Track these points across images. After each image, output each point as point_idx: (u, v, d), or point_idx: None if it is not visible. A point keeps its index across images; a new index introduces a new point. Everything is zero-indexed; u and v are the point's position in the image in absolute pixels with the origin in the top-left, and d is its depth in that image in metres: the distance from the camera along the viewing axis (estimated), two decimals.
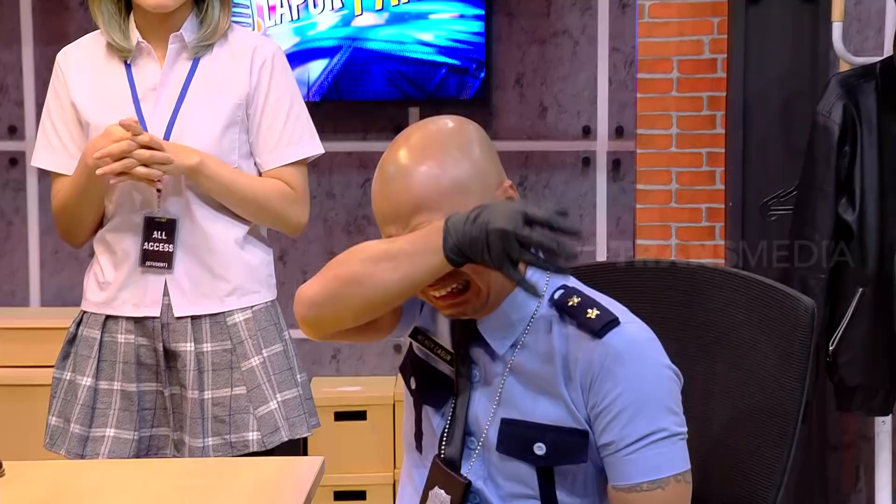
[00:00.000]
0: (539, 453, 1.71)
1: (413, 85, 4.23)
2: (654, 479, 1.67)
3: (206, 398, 2.47)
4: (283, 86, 2.53)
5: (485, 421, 1.75)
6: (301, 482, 1.98)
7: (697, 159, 4.03)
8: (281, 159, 2.53)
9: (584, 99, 4.34)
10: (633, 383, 1.68)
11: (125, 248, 2.49)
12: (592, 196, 4.37)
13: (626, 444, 1.68)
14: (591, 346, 1.69)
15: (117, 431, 2.49)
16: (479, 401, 1.75)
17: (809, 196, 3.34)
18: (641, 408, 1.68)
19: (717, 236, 4.02)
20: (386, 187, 1.70)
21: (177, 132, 2.46)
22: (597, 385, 1.69)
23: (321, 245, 4.38)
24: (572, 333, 1.72)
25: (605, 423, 1.69)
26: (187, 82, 2.48)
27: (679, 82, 4.02)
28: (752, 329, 1.91)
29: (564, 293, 1.75)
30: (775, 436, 1.85)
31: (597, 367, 1.69)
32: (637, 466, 1.67)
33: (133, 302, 2.49)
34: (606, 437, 1.69)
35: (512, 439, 1.72)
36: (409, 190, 1.68)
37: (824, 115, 3.30)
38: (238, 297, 2.52)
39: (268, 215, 2.53)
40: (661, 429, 1.68)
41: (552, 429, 1.71)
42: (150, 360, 2.50)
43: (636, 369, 1.68)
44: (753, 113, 3.83)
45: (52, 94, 2.53)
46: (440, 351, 1.79)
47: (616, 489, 1.69)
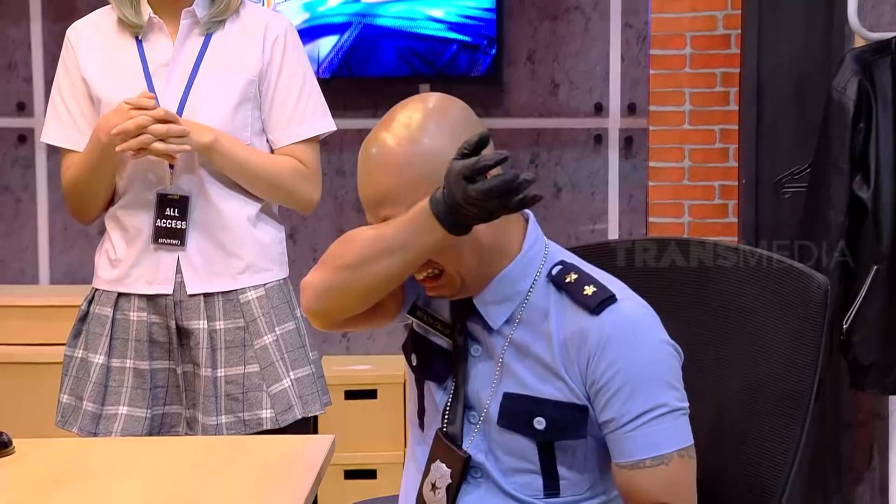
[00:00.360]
0: (539, 428, 1.72)
1: (424, 61, 4.23)
2: (657, 455, 1.68)
3: (220, 376, 2.48)
4: (295, 62, 2.53)
5: (486, 395, 1.75)
6: (312, 461, 1.99)
7: (710, 136, 4.02)
8: (293, 136, 2.53)
9: (596, 75, 4.34)
10: (630, 360, 1.68)
11: (137, 225, 2.50)
12: (604, 174, 4.36)
13: (627, 420, 1.68)
14: (587, 323, 1.70)
15: (130, 409, 2.50)
16: (479, 375, 1.77)
17: (824, 173, 3.33)
18: (640, 384, 1.68)
19: (730, 214, 4.02)
20: (360, 177, 1.75)
21: (189, 109, 2.46)
22: (594, 362, 1.69)
23: (331, 223, 4.38)
24: (569, 310, 1.73)
25: (604, 400, 1.69)
26: (199, 58, 2.49)
27: (692, 58, 4.01)
28: (765, 307, 1.91)
29: (562, 269, 1.76)
30: (788, 414, 1.86)
31: (593, 344, 1.69)
32: (639, 443, 1.68)
33: (146, 279, 2.50)
34: (607, 413, 1.70)
35: (512, 413, 1.74)
36: (374, 180, 1.72)
37: (839, 91, 3.29)
38: (251, 274, 2.52)
39: (280, 192, 2.54)
40: (662, 404, 1.69)
41: (551, 403, 1.72)
42: (162, 338, 2.51)
43: (633, 346, 1.69)
44: (767, 89, 3.82)
45: (63, 69, 2.54)
46: (439, 325, 1.80)
47: (619, 466, 1.70)
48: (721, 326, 1.95)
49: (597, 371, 1.69)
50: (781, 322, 1.89)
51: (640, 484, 1.69)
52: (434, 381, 1.81)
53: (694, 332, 1.92)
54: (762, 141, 3.85)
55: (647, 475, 1.68)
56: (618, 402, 1.69)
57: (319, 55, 4.22)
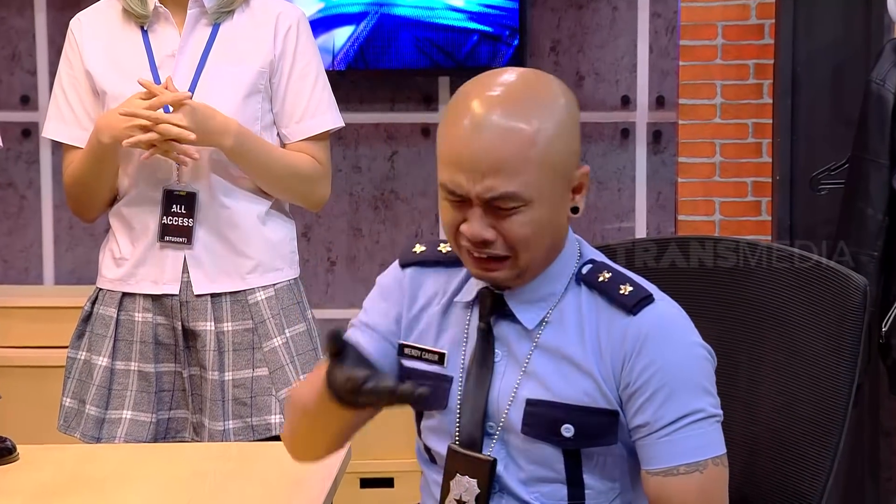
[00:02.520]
0: (567, 435, 1.71)
1: (443, 53, 4.22)
2: (692, 462, 1.67)
3: (227, 379, 2.49)
4: (308, 54, 2.54)
5: (506, 401, 1.74)
6: (326, 468, 1.99)
7: (743, 130, 4.01)
8: (307, 130, 2.54)
9: (623, 67, 4.32)
10: (668, 362, 1.68)
11: (143, 223, 2.50)
12: (631, 169, 4.35)
13: (662, 425, 1.68)
14: (624, 323, 1.70)
15: (134, 413, 2.50)
16: (502, 380, 1.75)
17: (862, 168, 3.32)
18: (677, 388, 1.68)
19: (764, 212, 4.00)
20: (470, 134, 1.67)
21: (197, 100, 2.46)
22: (630, 364, 1.69)
23: (346, 220, 4.38)
24: (604, 310, 1.72)
25: (638, 403, 1.69)
26: (207, 49, 2.49)
27: (724, 49, 3.99)
28: (800, 309, 1.90)
29: (593, 268, 1.76)
30: (825, 421, 1.85)
31: (630, 345, 1.69)
32: (674, 449, 1.67)
33: (151, 279, 2.50)
34: (640, 418, 1.69)
35: (538, 420, 1.72)
36: (496, 147, 1.66)
37: (878, 83, 3.28)
38: (260, 274, 2.52)
39: (296, 193, 2.55)
40: (698, 410, 1.68)
41: (581, 409, 1.71)
42: (168, 340, 2.51)
43: (672, 348, 1.69)
44: (802, 81, 3.80)
45: (65, 62, 2.54)
46: (427, 355, 1.79)
47: (650, 473, 1.69)
48: (754, 329, 1.94)
49: (633, 373, 1.69)
50: (817, 325, 1.88)
51: (672, 491, 1.68)
52: (437, 408, 1.79)
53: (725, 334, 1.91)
54: (797, 135, 3.83)
55: (681, 483, 1.67)
56: (652, 406, 1.68)
57: (334, 46, 4.22)
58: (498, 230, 1.68)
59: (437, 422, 1.78)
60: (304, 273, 2.64)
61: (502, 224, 1.68)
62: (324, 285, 4.38)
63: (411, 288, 1.82)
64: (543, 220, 1.69)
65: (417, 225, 4.38)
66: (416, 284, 1.82)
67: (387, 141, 4.37)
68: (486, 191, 1.66)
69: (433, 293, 1.82)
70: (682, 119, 4.04)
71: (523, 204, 1.67)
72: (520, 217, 1.67)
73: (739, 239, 1.99)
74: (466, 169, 1.67)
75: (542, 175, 1.67)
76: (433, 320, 1.80)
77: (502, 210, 1.67)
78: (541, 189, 1.67)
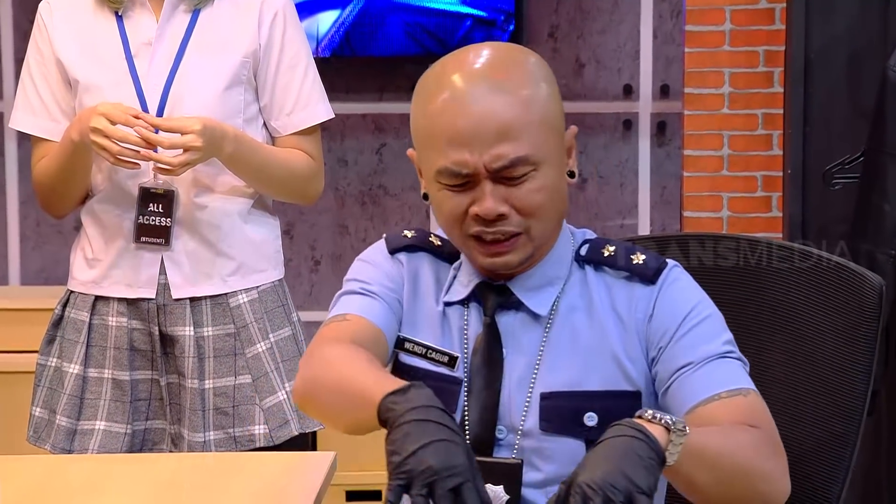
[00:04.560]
0: (590, 424, 1.74)
1: (434, 39, 4.23)
2: (734, 388, 1.70)
3: (207, 388, 2.49)
4: (297, 42, 2.54)
5: (520, 399, 1.75)
6: (310, 480, 2.00)
7: (752, 121, 4.02)
8: (299, 123, 2.54)
9: (625, 54, 4.34)
10: (700, 302, 1.75)
11: (117, 222, 2.50)
12: (634, 163, 4.37)
13: (702, 358, 1.71)
14: (646, 292, 1.76)
15: (108, 424, 2.50)
16: (511, 377, 1.76)
17: (878, 161, 3.33)
18: (714, 325, 1.74)
19: (774, 208, 4.02)
20: (464, 107, 1.70)
21: (175, 92, 2.47)
22: (660, 314, 1.74)
23: (332, 217, 4.39)
24: (618, 283, 1.77)
25: (679, 346, 1.72)
26: (186, 37, 2.49)
27: (732, 35, 4.01)
28: (813, 309, 1.91)
29: (592, 246, 1.80)
30: (839, 427, 1.86)
31: (656, 300, 1.75)
32: (713, 377, 1.70)
33: (126, 282, 2.51)
34: (682, 359, 1.72)
35: (557, 414, 1.74)
36: (496, 114, 1.69)
37: (895, 71, 3.29)
38: (242, 276, 2.53)
39: (291, 192, 2.57)
40: (732, 350, 1.74)
41: (600, 395, 1.74)
42: (144, 346, 2.51)
43: (694, 292, 1.77)
44: (815, 69, 3.82)
45: (34, 48, 2.54)
46: (434, 354, 1.80)
47: (691, 410, 1.69)
48: (761, 332, 1.95)
49: (666, 320, 1.74)
50: (830, 327, 1.89)
51: (716, 416, 1.69)
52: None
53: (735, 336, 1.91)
54: (810, 127, 3.84)
55: (724, 405, 1.69)
56: (689, 342, 1.72)
57: (319, 32, 4.22)
58: (510, 202, 1.71)
59: None
60: (287, 273, 2.65)
61: (514, 194, 1.71)
62: (308, 286, 4.39)
63: (410, 274, 1.83)
64: (553, 184, 1.73)
65: (407, 221, 4.39)
66: (413, 270, 1.83)
67: (374, 133, 4.38)
68: (495, 160, 1.69)
69: (431, 284, 1.83)
70: (687, 109, 4.05)
71: (533, 168, 1.71)
72: (530, 184, 1.71)
73: (740, 236, 2.01)
74: (469, 142, 1.69)
75: (544, 135, 1.71)
76: (434, 316, 1.81)
77: (513, 180, 1.70)
78: (546, 150, 1.72)
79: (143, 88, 2.46)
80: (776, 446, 1.67)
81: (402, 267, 1.83)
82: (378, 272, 1.83)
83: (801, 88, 3.82)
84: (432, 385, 1.76)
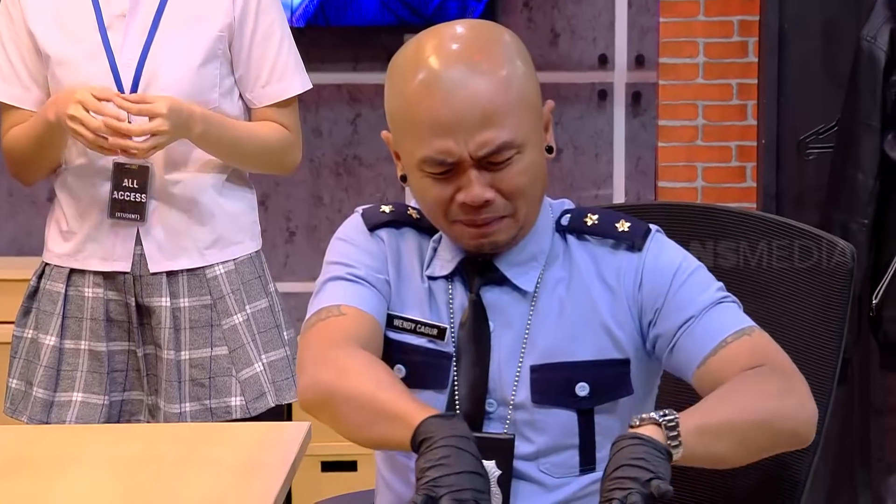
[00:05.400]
0: (582, 394, 1.76)
1: (408, 8, 4.23)
2: (737, 330, 1.73)
3: (183, 359, 2.49)
4: (273, 12, 2.52)
5: (509, 373, 1.76)
6: (285, 451, 2.00)
7: (727, 91, 4.03)
8: (274, 95, 2.53)
9: (600, 24, 4.34)
10: (685, 258, 1.79)
11: (91, 194, 2.50)
12: (609, 133, 4.37)
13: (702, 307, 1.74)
14: (633, 258, 1.78)
15: (85, 396, 2.50)
16: (499, 352, 1.78)
17: (852, 131, 3.34)
18: (704, 275, 1.78)
19: (749, 178, 4.03)
20: (445, 94, 1.69)
21: (149, 67, 2.46)
22: (649, 279, 1.76)
23: (307, 188, 4.39)
24: (603, 251, 1.79)
25: (676, 302, 1.75)
26: (160, 11, 2.47)
27: (706, 5, 4.01)
28: (785, 278, 1.93)
29: (573, 216, 1.82)
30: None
31: (643, 267, 1.77)
32: (715, 323, 1.74)
33: (101, 255, 2.50)
34: (683, 313, 1.74)
35: (548, 385, 1.76)
36: (478, 100, 1.69)
37: (869, 41, 3.30)
38: (220, 249, 2.53)
39: (267, 165, 2.58)
40: (727, 295, 1.77)
41: (590, 364, 1.76)
42: (120, 317, 2.51)
43: (681, 250, 1.80)
44: (790, 39, 3.82)
45: (5, 16, 2.51)
46: (423, 328, 1.80)
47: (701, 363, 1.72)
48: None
49: (660, 278, 1.76)
50: (803, 295, 1.91)
51: (727, 362, 1.72)
52: (433, 388, 1.79)
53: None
54: (784, 96, 3.85)
55: (731, 351, 1.72)
56: (685, 297, 1.75)
57: (293, 2, 4.21)
58: (496, 187, 1.72)
59: (425, 402, 1.76)
60: (262, 244, 2.65)
61: (499, 178, 1.71)
62: (283, 257, 4.39)
63: (393, 251, 1.83)
64: (535, 164, 1.74)
65: (382, 193, 4.39)
66: (396, 247, 1.83)
67: (349, 103, 4.38)
68: (480, 147, 1.69)
69: (415, 259, 1.82)
70: (662, 79, 4.06)
71: (517, 151, 1.71)
72: (514, 167, 1.72)
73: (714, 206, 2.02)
74: (452, 131, 1.69)
75: (525, 115, 1.72)
76: (420, 291, 1.81)
77: (497, 164, 1.71)
78: (527, 130, 1.73)
79: (117, 64, 2.45)
80: (787, 376, 1.71)
81: (384, 244, 1.83)
82: (361, 253, 1.82)
83: (776, 58, 3.83)
84: (422, 360, 1.78)
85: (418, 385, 1.78)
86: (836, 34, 3.80)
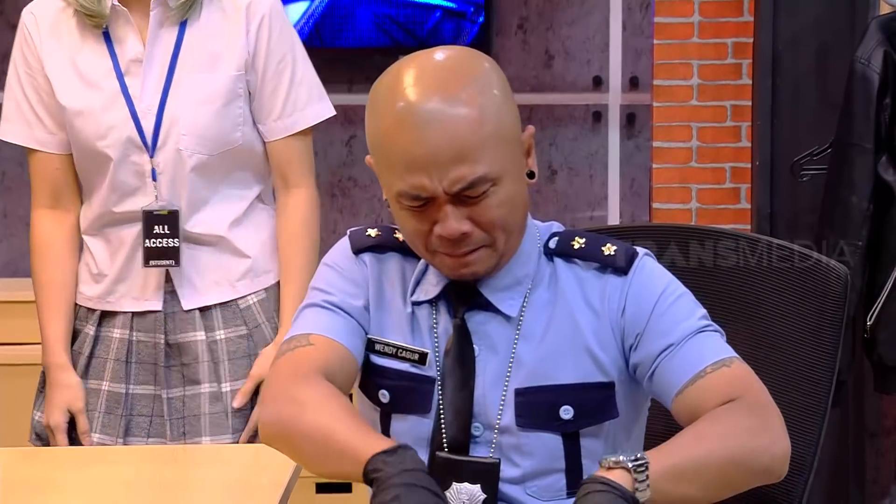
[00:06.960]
0: (566, 417, 1.75)
1: (403, 30, 4.24)
2: (717, 361, 1.72)
3: (225, 391, 2.46)
4: (284, 46, 2.47)
5: (494, 398, 1.76)
6: (279, 472, 2.00)
7: (721, 113, 4.04)
8: (286, 128, 2.50)
9: (594, 46, 4.35)
10: (670, 283, 1.78)
11: (120, 237, 2.45)
12: (604, 154, 4.38)
13: (684, 335, 1.73)
14: (620, 282, 1.77)
15: (101, 437, 2.46)
16: (484, 376, 1.78)
17: (846, 153, 3.35)
18: (687, 303, 1.77)
19: (743, 199, 4.04)
20: (417, 131, 1.68)
21: (170, 111, 2.41)
22: (632, 303, 1.75)
23: None
24: (590, 275, 1.78)
25: (657, 328, 1.74)
26: (176, 52, 2.42)
27: (701, 27, 4.02)
28: (779, 300, 1.93)
29: (560, 239, 1.81)
30: (804, 419, 1.88)
31: (627, 291, 1.76)
32: (696, 353, 1.72)
33: (132, 295, 2.46)
34: (663, 340, 1.74)
35: (533, 409, 1.75)
36: (451, 136, 1.68)
37: (863, 63, 3.31)
38: (251, 279, 2.48)
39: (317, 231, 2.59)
40: (709, 324, 1.76)
41: (574, 388, 1.75)
42: (148, 358, 2.47)
43: (667, 275, 1.79)
44: (784, 61, 3.84)
45: (21, 59, 2.46)
46: (404, 353, 1.80)
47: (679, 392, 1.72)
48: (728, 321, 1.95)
49: (642, 303, 1.75)
50: (797, 317, 1.91)
51: (706, 392, 1.71)
52: (417, 413, 1.78)
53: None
54: (778, 118, 3.86)
55: (710, 381, 1.71)
56: (666, 323, 1.74)
57: None
58: (473, 220, 1.71)
59: (410, 427, 1.78)
60: None
61: (476, 212, 1.71)
62: None
63: (375, 277, 1.82)
64: (513, 195, 1.72)
65: (377, 214, 4.39)
66: (378, 272, 1.82)
67: (344, 124, 4.38)
68: (454, 183, 1.69)
69: (398, 284, 1.82)
70: (656, 101, 4.07)
71: (492, 184, 1.70)
72: (491, 199, 1.71)
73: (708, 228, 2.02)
74: (426, 168, 1.68)
75: (501, 148, 1.71)
76: (402, 316, 1.81)
77: (473, 198, 1.70)
78: (504, 163, 1.71)
79: (136, 109, 2.40)
80: (762, 410, 1.69)
81: (367, 269, 1.82)
82: (342, 279, 1.82)
83: (770, 80, 3.84)
84: (405, 385, 1.78)
85: (402, 410, 1.79)
86: (830, 56, 3.81)
